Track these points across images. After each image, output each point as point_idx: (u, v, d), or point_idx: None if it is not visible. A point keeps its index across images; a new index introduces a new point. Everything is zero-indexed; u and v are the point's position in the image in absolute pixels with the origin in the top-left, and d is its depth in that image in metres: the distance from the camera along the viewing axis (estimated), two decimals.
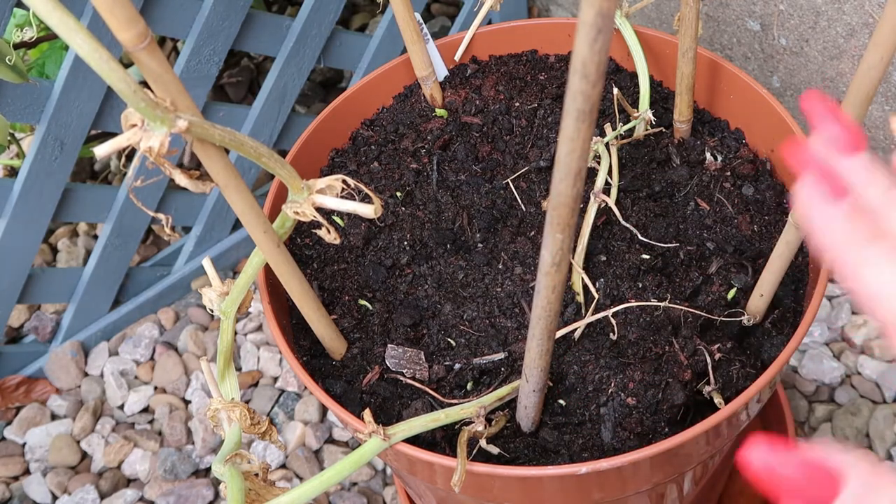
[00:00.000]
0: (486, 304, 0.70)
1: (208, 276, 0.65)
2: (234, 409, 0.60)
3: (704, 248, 0.72)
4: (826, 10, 0.95)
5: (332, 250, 0.75)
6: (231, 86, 1.44)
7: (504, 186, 0.77)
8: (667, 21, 1.19)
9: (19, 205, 1.04)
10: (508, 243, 0.73)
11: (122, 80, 0.43)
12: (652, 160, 0.77)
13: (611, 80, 0.83)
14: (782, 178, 0.77)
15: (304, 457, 1.10)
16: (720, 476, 0.89)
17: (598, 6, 0.34)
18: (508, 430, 0.65)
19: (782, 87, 1.08)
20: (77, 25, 0.41)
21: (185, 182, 0.50)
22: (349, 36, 1.18)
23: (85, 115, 1.02)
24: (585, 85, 0.37)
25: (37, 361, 1.21)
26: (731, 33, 1.09)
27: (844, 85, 1.00)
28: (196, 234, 1.23)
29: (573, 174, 0.41)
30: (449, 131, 0.80)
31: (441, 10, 1.49)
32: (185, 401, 1.18)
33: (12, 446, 1.16)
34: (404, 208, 0.77)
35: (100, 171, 1.41)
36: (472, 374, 0.67)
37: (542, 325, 0.52)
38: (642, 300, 0.68)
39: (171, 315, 1.25)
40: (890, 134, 0.99)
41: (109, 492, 1.11)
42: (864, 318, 1.10)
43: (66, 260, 1.32)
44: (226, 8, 1.04)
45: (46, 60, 1.14)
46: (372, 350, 0.69)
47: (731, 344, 0.66)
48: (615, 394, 0.64)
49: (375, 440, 0.58)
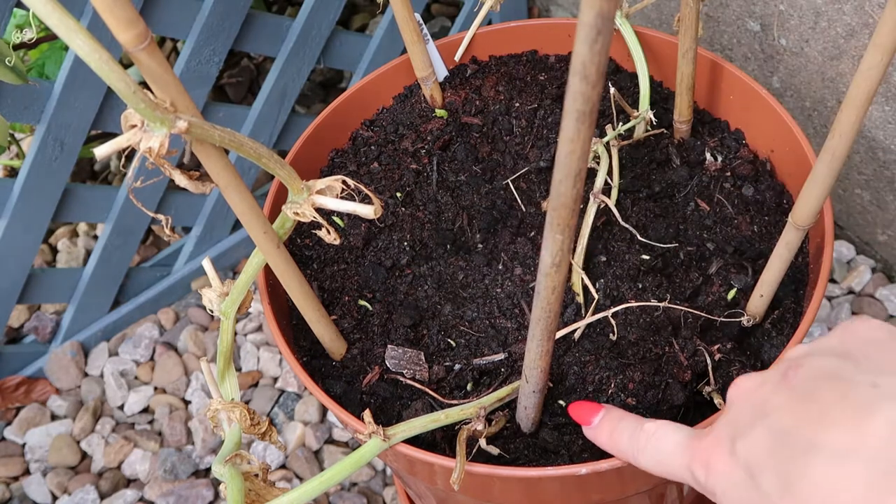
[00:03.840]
0: (486, 305, 0.70)
1: (208, 277, 0.65)
2: (234, 410, 0.60)
3: (704, 249, 0.72)
4: (826, 10, 0.95)
5: (332, 251, 0.75)
6: (231, 86, 1.44)
7: (504, 187, 0.77)
8: (667, 21, 1.19)
9: (19, 205, 1.04)
10: (508, 244, 0.73)
11: (121, 81, 0.43)
12: (652, 161, 0.77)
13: (611, 80, 0.82)
14: (782, 179, 0.77)
15: (304, 457, 1.10)
16: None
17: (598, 7, 0.34)
18: (508, 431, 0.65)
19: (782, 87, 1.08)
20: (77, 26, 0.41)
21: (185, 183, 0.49)
22: (349, 36, 1.18)
23: (85, 115, 1.02)
24: (585, 86, 0.37)
25: (37, 362, 1.21)
26: (731, 34, 1.09)
27: (844, 85, 1.00)
28: (196, 234, 1.23)
29: (573, 175, 0.41)
30: (449, 132, 0.80)
31: (441, 10, 1.49)
32: (185, 401, 1.18)
33: (12, 446, 1.16)
34: (404, 209, 0.77)
35: (100, 172, 1.42)
36: (472, 375, 0.67)
37: (542, 326, 0.52)
38: (642, 301, 0.68)
39: (171, 315, 1.25)
40: (890, 134, 0.99)
41: (109, 492, 1.11)
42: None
43: (66, 260, 1.32)
44: (226, 8, 1.04)
45: (46, 61, 1.14)
46: (372, 350, 0.69)
47: (731, 344, 0.66)
48: (615, 394, 0.64)
49: (375, 441, 0.58)
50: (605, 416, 0.53)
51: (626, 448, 0.50)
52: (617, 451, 0.51)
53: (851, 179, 1.08)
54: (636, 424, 0.49)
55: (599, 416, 0.54)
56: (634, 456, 0.49)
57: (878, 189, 1.05)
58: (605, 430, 0.52)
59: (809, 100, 1.05)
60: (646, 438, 0.48)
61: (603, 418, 0.53)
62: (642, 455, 0.48)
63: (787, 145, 0.75)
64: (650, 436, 0.48)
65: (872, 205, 1.08)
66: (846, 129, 0.52)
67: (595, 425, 0.54)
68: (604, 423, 0.53)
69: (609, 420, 0.53)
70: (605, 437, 0.52)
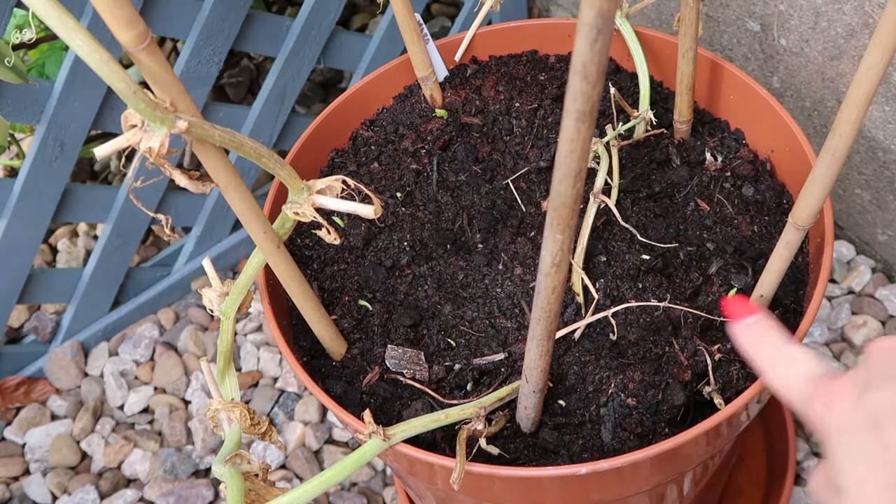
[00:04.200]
0: (486, 305, 0.70)
1: (208, 277, 0.65)
2: (234, 410, 0.60)
3: (704, 249, 0.72)
4: (826, 10, 0.95)
5: (332, 251, 0.75)
6: (231, 86, 1.44)
7: (504, 187, 0.77)
8: (667, 21, 1.19)
9: (19, 205, 1.04)
10: (508, 244, 0.73)
11: (121, 81, 0.43)
12: (652, 161, 0.77)
13: (611, 80, 0.82)
14: (782, 179, 0.77)
15: (304, 457, 1.10)
16: (720, 476, 0.89)
17: (598, 7, 0.34)
18: (508, 431, 0.65)
19: (782, 87, 1.08)
20: (76, 26, 0.41)
21: (185, 183, 0.49)
22: (349, 36, 1.18)
23: (85, 115, 1.02)
24: (585, 85, 0.37)
25: (37, 362, 1.21)
26: (731, 34, 1.09)
27: (844, 85, 1.00)
28: (196, 234, 1.23)
29: (573, 175, 0.41)
30: (449, 132, 0.80)
31: (441, 10, 1.49)
32: (185, 401, 1.18)
33: (12, 446, 1.16)
34: (404, 209, 0.76)
35: (100, 172, 1.42)
36: (472, 375, 0.67)
37: (542, 326, 0.52)
38: (642, 301, 0.68)
39: (171, 315, 1.25)
40: (890, 134, 0.99)
41: (109, 492, 1.11)
42: (864, 319, 1.10)
43: (66, 260, 1.32)
44: (226, 8, 1.04)
45: (46, 61, 1.14)
46: (372, 350, 0.69)
47: (731, 344, 0.66)
48: (615, 394, 0.64)
49: (375, 441, 0.58)
50: (758, 322, 0.52)
51: (763, 358, 0.49)
52: (752, 356, 0.51)
53: (851, 179, 1.08)
54: (782, 341, 0.49)
55: (753, 320, 0.52)
56: (766, 369, 0.49)
57: (878, 189, 1.05)
58: (753, 333, 0.51)
59: (809, 100, 1.05)
60: (784, 359, 0.48)
61: (755, 322, 0.52)
62: (773, 372, 0.48)
63: (787, 145, 0.75)
64: (789, 359, 0.48)
65: (872, 205, 1.08)
66: (846, 129, 0.52)
67: (744, 325, 0.52)
68: (754, 326, 0.52)
69: (759, 325, 0.52)
70: (749, 340, 0.51)
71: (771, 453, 1.02)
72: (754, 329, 0.51)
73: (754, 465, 1.02)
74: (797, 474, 1.02)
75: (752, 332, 0.51)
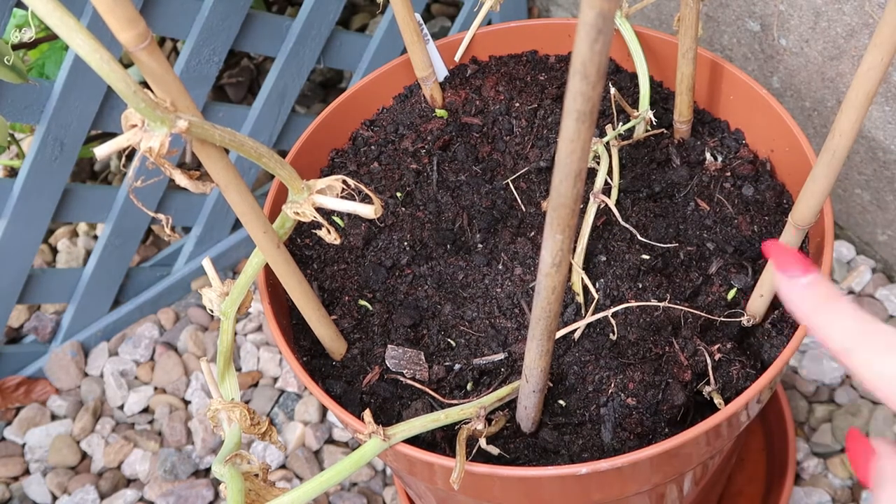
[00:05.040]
0: (486, 305, 0.70)
1: (208, 277, 0.65)
2: (233, 410, 0.60)
3: (704, 249, 0.72)
4: (826, 10, 0.95)
5: (332, 251, 0.75)
6: (231, 86, 1.44)
7: (504, 187, 0.77)
8: (667, 21, 1.19)
9: (19, 205, 1.04)
10: (508, 244, 0.73)
11: (122, 81, 0.43)
12: (652, 161, 0.77)
13: (611, 80, 0.82)
14: (782, 179, 0.77)
15: (304, 457, 1.10)
16: (720, 476, 0.89)
17: (599, 7, 0.34)
18: (508, 431, 0.65)
19: (782, 87, 1.08)
20: (77, 25, 0.41)
21: (185, 182, 0.49)
22: (349, 36, 1.18)
23: (85, 115, 1.02)
24: (585, 86, 0.37)
25: (37, 362, 1.21)
26: (731, 34, 1.09)
27: (844, 85, 1.00)
28: (196, 234, 1.23)
29: (573, 175, 0.41)
30: (449, 132, 0.80)
31: (441, 10, 1.49)
32: (185, 401, 1.18)
33: (12, 446, 1.16)
34: (404, 209, 0.77)
35: (100, 171, 1.42)
36: (472, 375, 0.67)
37: (542, 326, 0.52)
38: (642, 300, 0.68)
39: (171, 315, 1.25)
40: (890, 134, 0.99)
41: (109, 492, 1.11)
42: None
43: (66, 260, 1.32)
44: (226, 8, 1.04)
45: (46, 61, 1.14)
46: (372, 350, 0.69)
47: (731, 344, 0.66)
48: (615, 394, 0.64)
49: (375, 441, 0.58)
50: (815, 284, 0.44)
51: (836, 335, 0.42)
52: (818, 331, 0.43)
53: (851, 179, 1.08)
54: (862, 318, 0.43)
55: (805, 280, 0.44)
56: (840, 352, 0.43)
57: (878, 189, 1.05)
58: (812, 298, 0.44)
59: (809, 100, 1.05)
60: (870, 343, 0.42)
61: (810, 282, 0.44)
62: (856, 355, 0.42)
63: (787, 145, 0.75)
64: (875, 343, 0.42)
65: (872, 205, 1.08)
66: (846, 129, 0.52)
67: (799, 287, 0.44)
68: (811, 289, 0.44)
69: (818, 289, 0.44)
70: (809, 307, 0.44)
71: (771, 453, 1.02)
72: (814, 293, 0.44)
73: (754, 465, 1.02)
74: (797, 474, 1.02)
75: (811, 297, 0.44)
